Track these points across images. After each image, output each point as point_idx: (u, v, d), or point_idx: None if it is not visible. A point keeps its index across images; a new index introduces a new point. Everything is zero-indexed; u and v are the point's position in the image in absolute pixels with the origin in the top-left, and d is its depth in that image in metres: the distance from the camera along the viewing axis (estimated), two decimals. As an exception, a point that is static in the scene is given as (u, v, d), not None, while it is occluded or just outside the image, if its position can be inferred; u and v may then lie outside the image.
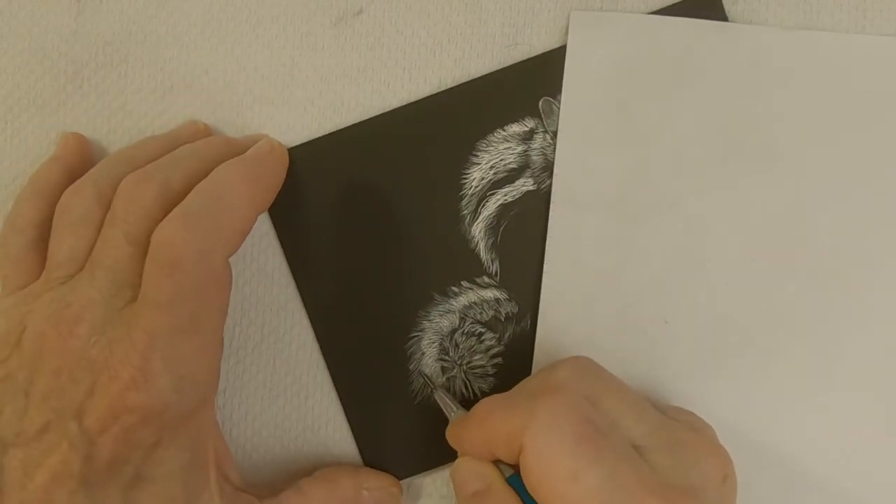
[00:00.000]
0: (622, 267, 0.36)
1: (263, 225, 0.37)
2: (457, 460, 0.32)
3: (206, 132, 0.37)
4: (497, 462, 0.31)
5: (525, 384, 0.32)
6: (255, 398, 0.37)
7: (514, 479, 0.30)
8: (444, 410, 0.34)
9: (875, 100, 0.36)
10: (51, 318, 0.29)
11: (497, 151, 0.37)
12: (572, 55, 0.37)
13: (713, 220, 0.36)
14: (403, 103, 0.37)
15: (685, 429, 0.31)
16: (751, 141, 0.36)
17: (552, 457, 0.27)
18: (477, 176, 0.37)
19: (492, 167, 0.37)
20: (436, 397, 0.35)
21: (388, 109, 0.37)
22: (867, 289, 0.36)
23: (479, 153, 0.37)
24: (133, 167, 0.33)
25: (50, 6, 0.38)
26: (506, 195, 0.37)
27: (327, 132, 0.37)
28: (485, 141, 0.37)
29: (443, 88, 0.37)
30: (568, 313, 0.36)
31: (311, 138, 0.37)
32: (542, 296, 0.36)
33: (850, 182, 0.36)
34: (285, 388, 0.37)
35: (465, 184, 0.37)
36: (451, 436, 0.33)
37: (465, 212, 0.37)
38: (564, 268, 0.36)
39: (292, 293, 0.37)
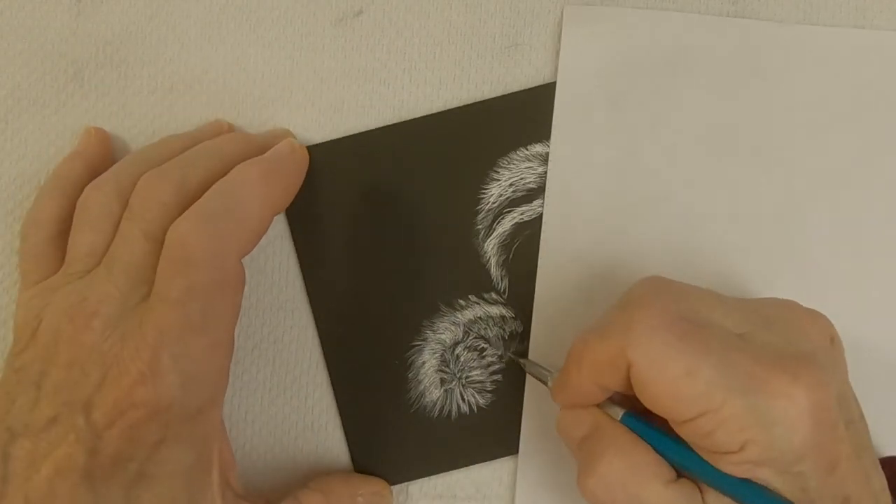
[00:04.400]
0: (616, 259, 0.36)
1: (263, 225, 0.37)
2: (558, 414, 0.32)
3: (230, 132, 0.36)
4: (603, 406, 0.31)
5: (605, 314, 0.31)
6: (255, 398, 0.37)
7: (627, 418, 0.30)
8: (540, 378, 0.34)
9: (870, 94, 0.37)
10: (67, 311, 0.30)
11: (518, 170, 0.37)
12: (566, 49, 0.37)
13: (707, 214, 0.36)
14: (403, 103, 0.37)
15: (776, 304, 0.30)
16: (745, 134, 0.37)
17: (662, 361, 0.27)
18: (496, 192, 0.37)
19: (511, 185, 0.37)
20: (527, 370, 0.35)
21: (388, 110, 0.37)
22: (862, 282, 0.36)
23: (500, 170, 0.37)
24: (154, 165, 0.33)
25: (50, 6, 0.38)
26: (522, 214, 0.37)
27: (326, 133, 0.37)
28: (507, 158, 0.37)
29: (443, 89, 0.37)
30: (563, 305, 0.36)
31: (310, 139, 0.37)
32: (536, 288, 0.36)
33: (843, 175, 0.36)
34: (285, 388, 0.37)
35: (482, 199, 0.37)
36: (557, 392, 0.32)
37: (480, 227, 0.37)
38: (559, 261, 0.36)
39: (292, 293, 0.37)
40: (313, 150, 0.37)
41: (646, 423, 0.30)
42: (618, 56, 0.37)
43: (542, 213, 0.37)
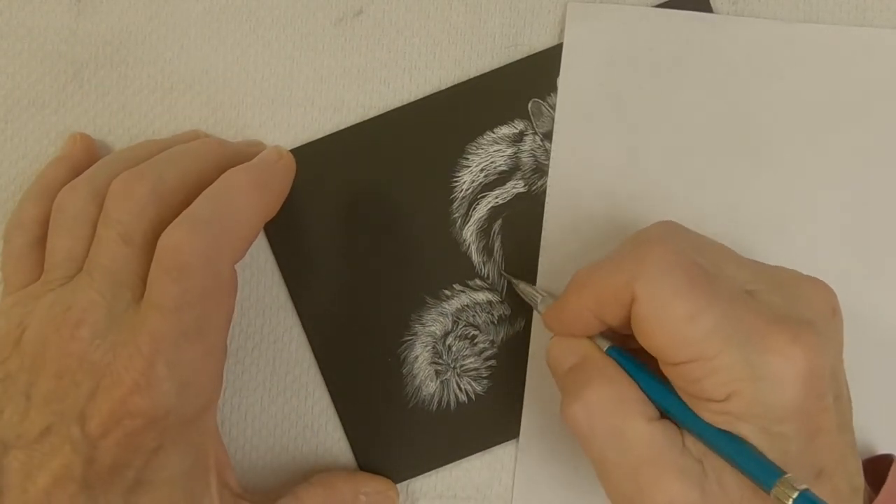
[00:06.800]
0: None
1: (263, 225, 0.37)
2: (549, 343, 0.32)
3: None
4: (593, 338, 0.31)
5: (617, 250, 0.31)
6: (255, 398, 0.37)
7: (614, 351, 0.30)
8: (530, 301, 0.35)
9: (870, 92, 0.37)
10: (52, 320, 0.29)
11: (487, 154, 0.37)
12: (569, 45, 0.37)
13: (708, 212, 0.36)
14: (404, 103, 0.37)
15: (785, 270, 0.30)
16: (746, 133, 0.37)
17: (667, 301, 0.27)
18: (467, 179, 0.37)
19: (482, 170, 0.37)
20: (518, 291, 0.35)
21: (386, 110, 0.37)
22: (864, 281, 0.36)
23: (469, 156, 0.37)
24: (130, 167, 0.32)
25: (50, 6, 0.38)
26: (496, 197, 0.37)
27: (327, 132, 0.37)
28: (475, 144, 0.37)
29: (442, 89, 0.37)
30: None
31: (310, 138, 0.37)
32: (537, 286, 0.36)
33: (844, 174, 0.37)
34: (285, 388, 0.37)
35: (455, 187, 0.37)
36: (551, 318, 0.32)
37: (456, 215, 0.37)
38: (560, 260, 0.36)
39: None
40: None
41: (633, 359, 0.30)
42: (620, 53, 0.37)
43: (516, 195, 0.37)
